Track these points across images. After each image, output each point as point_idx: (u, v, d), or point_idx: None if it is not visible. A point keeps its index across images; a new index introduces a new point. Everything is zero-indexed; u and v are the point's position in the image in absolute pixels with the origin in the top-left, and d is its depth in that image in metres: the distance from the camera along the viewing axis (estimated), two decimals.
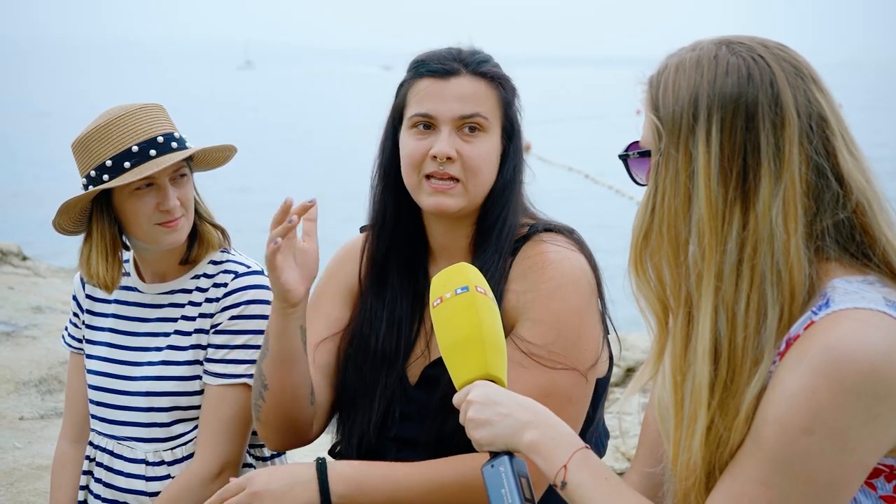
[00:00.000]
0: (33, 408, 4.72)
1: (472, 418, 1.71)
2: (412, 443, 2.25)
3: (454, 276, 1.84)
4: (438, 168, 2.19)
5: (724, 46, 1.56)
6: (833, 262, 1.53)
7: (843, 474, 1.43)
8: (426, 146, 2.21)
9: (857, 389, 1.40)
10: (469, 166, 2.21)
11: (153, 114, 2.48)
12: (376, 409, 2.26)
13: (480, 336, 1.75)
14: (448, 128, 2.21)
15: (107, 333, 2.63)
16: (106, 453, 2.59)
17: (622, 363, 5.11)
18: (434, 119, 2.21)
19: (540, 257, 2.20)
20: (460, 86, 2.23)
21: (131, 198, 2.45)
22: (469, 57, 2.26)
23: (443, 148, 2.18)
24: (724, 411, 1.50)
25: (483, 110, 2.23)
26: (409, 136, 2.24)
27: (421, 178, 2.21)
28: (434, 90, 2.22)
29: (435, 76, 2.23)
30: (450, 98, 2.21)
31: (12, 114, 51.31)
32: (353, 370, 2.31)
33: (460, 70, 2.24)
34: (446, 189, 2.20)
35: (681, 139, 1.53)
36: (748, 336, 1.49)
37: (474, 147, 2.21)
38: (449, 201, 2.21)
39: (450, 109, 2.21)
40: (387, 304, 2.32)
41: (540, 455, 1.65)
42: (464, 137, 2.22)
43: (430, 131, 2.22)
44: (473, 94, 2.23)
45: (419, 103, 2.23)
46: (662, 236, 1.56)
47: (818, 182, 1.51)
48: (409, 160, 2.22)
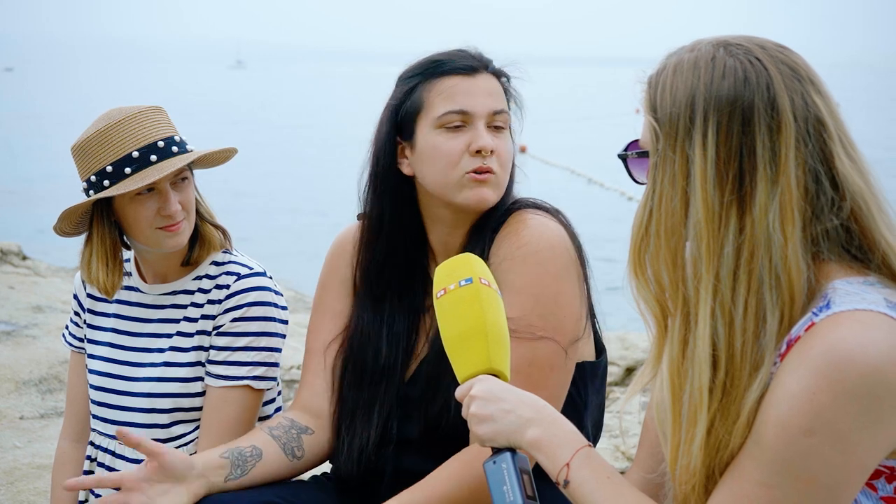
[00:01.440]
0: (33, 407, 4.72)
1: (474, 413, 1.71)
2: (408, 443, 2.25)
3: (458, 267, 1.83)
4: (482, 163, 2.20)
5: (722, 48, 1.56)
6: (834, 263, 1.53)
7: (843, 475, 1.43)
8: (463, 143, 2.20)
9: (857, 391, 1.40)
10: (503, 160, 2.24)
11: (154, 117, 2.47)
12: (375, 423, 2.26)
13: (484, 329, 1.75)
14: (483, 122, 2.22)
15: (109, 333, 2.63)
16: (107, 453, 2.59)
17: (622, 363, 5.11)
18: (469, 115, 2.21)
19: (518, 224, 2.21)
20: (487, 82, 2.25)
21: (132, 203, 2.45)
22: (483, 57, 2.29)
23: (488, 142, 2.20)
24: (725, 415, 1.50)
25: (506, 107, 2.27)
26: (439, 136, 2.22)
27: (460, 174, 2.21)
28: (464, 86, 2.22)
29: (462, 73, 2.23)
30: (480, 94, 2.22)
31: (11, 113, 51.25)
32: (350, 385, 2.32)
33: (482, 68, 2.26)
34: (486, 180, 2.21)
35: (678, 141, 1.53)
36: (747, 341, 1.49)
37: (504, 142, 2.25)
38: (489, 193, 2.22)
39: (483, 104, 2.22)
40: (385, 319, 2.32)
41: (542, 453, 1.65)
42: (494, 133, 2.24)
43: (462, 129, 2.22)
44: (498, 91, 2.26)
45: (450, 100, 2.21)
46: (660, 239, 1.56)
47: (815, 186, 1.51)
48: (446, 159, 2.20)
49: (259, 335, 2.49)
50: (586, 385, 2.28)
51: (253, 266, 2.57)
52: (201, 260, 2.57)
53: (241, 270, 2.54)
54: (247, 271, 2.54)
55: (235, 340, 2.49)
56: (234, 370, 2.48)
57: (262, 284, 2.53)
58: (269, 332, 2.50)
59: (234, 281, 2.52)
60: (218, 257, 2.58)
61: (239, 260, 2.58)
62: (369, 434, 2.26)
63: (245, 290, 2.51)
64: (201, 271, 2.57)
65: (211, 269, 2.57)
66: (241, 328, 2.49)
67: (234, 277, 2.52)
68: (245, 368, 2.48)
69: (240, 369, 2.48)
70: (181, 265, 2.57)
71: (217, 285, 2.53)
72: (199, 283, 2.56)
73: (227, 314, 2.50)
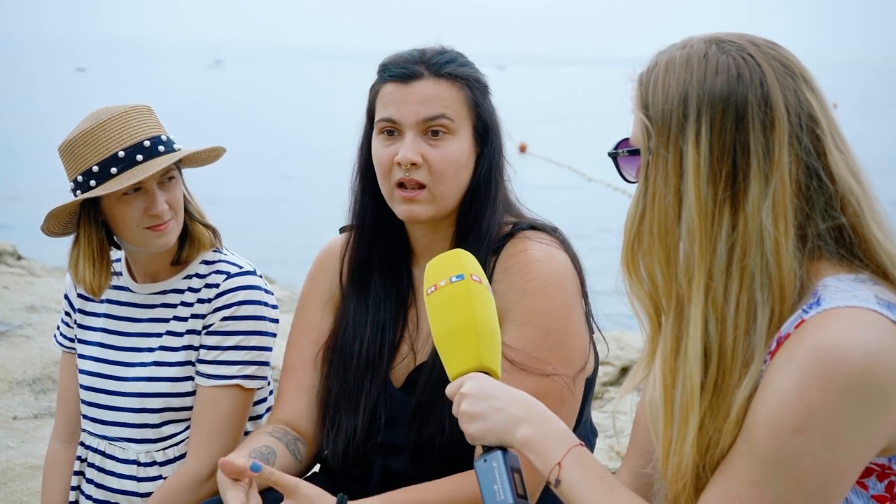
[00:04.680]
0: (27, 407, 4.71)
1: (465, 411, 1.70)
2: (397, 448, 2.24)
3: (449, 263, 1.82)
4: (405, 175, 2.17)
5: (714, 45, 1.55)
6: (825, 260, 1.53)
7: (834, 473, 1.42)
8: (392, 153, 2.19)
9: (848, 388, 1.39)
10: (435, 171, 2.18)
11: (140, 116, 2.46)
12: (361, 414, 2.25)
13: (475, 326, 1.74)
14: (412, 132, 2.18)
15: (98, 333, 2.62)
16: (97, 454, 2.58)
17: (617, 362, 5.11)
18: (398, 124, 2.19)
19: (523, 255, 2.18)
20: (422, 89, 2.19)
21: (119, 203, 2.44)
22: (433, 58, 2.22)
23: (406, 154, 2.16)
24: (715, 413, 1.50)
25: (448, 112, 2.19)
26: (377, 142, 2.23)
27: (392, 186, 2.20)
28: (397, 95, 2.20)
29: (397, 80, 2.20)
30: (412, 102, 2.18)
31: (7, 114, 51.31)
32: (336, 376, 2.30)
33: (422, 73, 2.20)
34: (414, 197, 2.18)
35: (670, 139, 1.53)
36: (738, 338, 1.49)
37: (440, 151, 2.18)
38: (418, 209, 2.19)
39: (412, 113, 2.18)
40: (370, 308, 2.31)
41: (534, 452, 1.64)
42: (429, 142, 2.19)
43: (396, 137, 2.20)
44: (436, 97, 2.19)
45: (383, 108, 2.21)
46: (653, 237, 1.55)
47: (808, 183, 1.51)
48: (379, 168, 2.22)
49: (249, 334, 2.48)
50: (584, 400, 2.28)
51: (243, 265, 2.56)
52: (191, 259, 2.56)
53: (230, 269, 2.53)
54: (237, 270, 2.53)
55: (225, 339, 2.48)
56: (225, 369, 2.47)
57: (252, 283, 2.52)
58: (259, 332, 2.49)
59: (224, 280, 2.51)
60: (208, 256, 2.57)
61: (229, 259, 2.57)
62: (356, 425, 2.25)
63: (235, 288, 2.50)
64: (191, 270, 2.56)
65: (201, 268, 2.55)
66: (231, 327, 2.48)
67: (224, 276, 2.51)
68: (235, 368, 2.47)
69: (230, 368, 2.47)
70: (171, 264, 2.56)
71: (207, 284, 2.52)
72: (189, 282, 2.54)
73: (216, 313, 2.49)
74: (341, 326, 2.33)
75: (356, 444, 2.24)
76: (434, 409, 2.18)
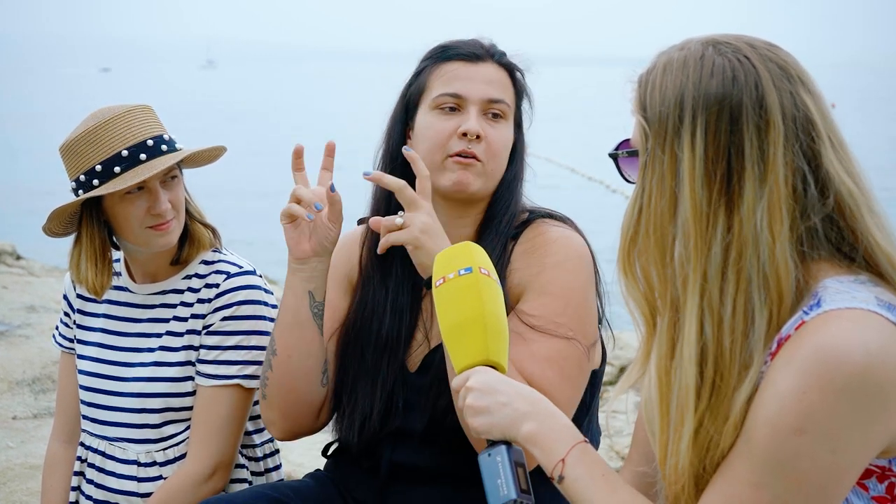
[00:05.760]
0: (26, 407, 4.71)
1: (470, 405, 1.70)
2: (409, 435, 2.24)
3: (458, 255, 1.83)
4: (467, 146, 2.22)
5: (711, 46, 1.55)
6: (824, 262, 1.53)
7: (835, 475, 1.43)
8: (454, 125, 2.23)
9: (848, 389, 1.39)
10: (493, 149, 2.24)
11: (142, 116, 2.46)
12: (378, 396, 2.25)
13: (482, 320, 1.74)
14: (476, 108, 2.24)
15: (98, 333, 2.62)
16: (97, 454, 2.58)
17: (616, 362, 5.13)
18: (463, 99, 2.24)
19: (542, 237, 2.24)
20: (488, 70, 2.28)
21: (122, 202, 2.44)
22: (492, 47, 2.32)
23: (474, 126, 2.21)
24: (714, 415, 1.50)
25: (506, 98, 2.28)
26: (433, 117, 2.26)
27: (444, 156, 2.23)
28: (464, 72, 2.26)
29: (464, 59, 2.28)
30: (479, 80, 2.26)
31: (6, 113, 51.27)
32: (353, 356, 2.31)
33: (487, 56, 2.29)
34: (470, 163, 2.22)
35: (667, 140, 1.53)
36: (735, 340, 1.49)
37: (498, 132, 2.25)
38: (471, 178, 2.23)
39: (479, 91, 2.25)
40: (390, 291, 2.31)
41: (538, 447, 1.65)
42: (489, 121, 2.25)
43: (456, 113, 2.25)
44: (500, 81, 2.28)
45: (447, 83, 2.26)
46: (649, 237, 1.56)
47: (803, 185, 1.51)
48: (435, 139, 2.24)
49: (249, 334, 2.49)
50: (594, 392, 2.30)
51: (243, 265, 2.56)
52: (191, 259, 2.56)
53: (230, 269, 2.53)
54: (236, 270, 2.53)
55: (225, 339, 2.48)
56: (225, 369, 2.47)
57: (251, 283, 2.52)
58: (259, 331, 2.50)
59: (224, 279, 2.51)
60: (208, 256, 2.57)
61: (229, 258, 2.57)
62: (372, 404, 2.25)
63: (235, 288, 2.50)
64: (191, 270, 2.56)
65: (201, 268, 2.55)
66: (231, 327, 2.48)
67: (224, 276, 2.51)
68: (235, 367, 2.47)
69: (230, 368, 2.47)
70: (171, 264, 2.56)
71: (207, 284, 2.52)
72: (188, 282, 2.54)
73: (216, 313, 2.49)
74: (360, 306, 2.34)
75: (372, 425, 2.23)
76: (448, 383, 2.18)
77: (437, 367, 2.21)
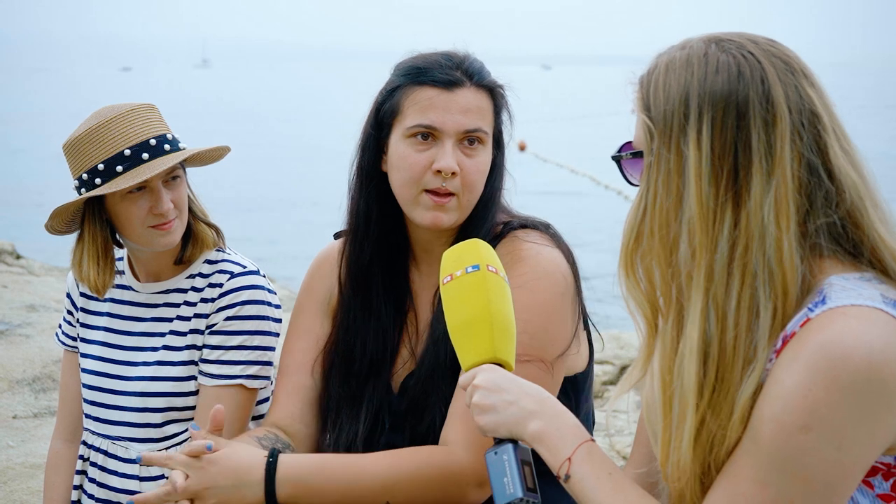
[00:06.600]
0: (27, 406, 4.71)
1: (476, 403, 1.70)
2: (396, 448, 2.23)
3: (466, 253, 1.82)
4: (441, 184, 2.15)
5: (714, 44, 1.56)
6: (830, 258, 1.53)
7: (840, 472, 1.43)
8: (428, 159, 2.15)
9: (853, 386, 1.39)
10: (467, 181, 2.17)
11: (145, 115, 2.46)
12: (363, 419, 2.24)
13: (489, 317, 1.74)
14: (451, 141, 2.16)
15: (101, 332, 2.62)
16: (100, 453, 2.58)
17: (616, 362, 5.12)
18: (438, 132, 2.16)
19: (510, 256, 2.17)
20: (465, 98, 2.17)
21: (124, 201, 2.44)
22: (469, 66, 2.20)
23: (450, 163, 2.13)
24: (716, 412, 1.50)
25: (484, 124, 2.19)
26: (407, 147, 2.17)
27: (420, 190, 2.17)
28: (439, 101, 2.16)
29: (439, 87, 2.17)
30: (455, 111, 2.16)
31: (6, 112, 51.22)
32: (337, 380, 2.29)
33: (464, 81, 2.18)
34: (445, 204, 2.16)
35: (672, 139, 1.53)
36: (739, 335, 1.49)
37: (474, 161, 2.18)
38: (445, 217, 2.17)
39: (455, 123, 2.15)
40: (372, 312, 2.29)
41: (544, 446, 1.65)
42: (465, 151, 2.17)
43: (430, 142, 2.16)
44: (477, 108, 2.18)
45: (422, 113, 2.16)
46: (654, 237, 1.55)
47: (810, 179, 1.51)
48: (409, 173, 2.16)
49: (252, 334, 2.48)
50: (578, 395, 2.28)
51: (246, 264, 2.55)
52: (194, 258, 2.56)
53: (234, 269, 2.53)
54: (240, 269, 2.53)
55: (229, 339, 2.48)
56: (228, 369, 2.47)
57: (255, 283, 2.52)
58: (262, 331, 2.49)
59: (228, 279, 2.50)
60: (211, 256, 2.57)
61: (232, 258, 2.57)
62: (357, 430, 2.24)
63: (238, 288, 2.49)
64: (194, 270, 2.56)
65: (204, 267, 2.55)
66: (235, 327, 2.48)
67: (228, 276, 2.51)
68: (238, 367, 2.47)
69: (233, 368, 2.47)
70: (174, 264, 2.56)
71: (210, 284, 2.52)
72: (192, 281, 2.54)
73: (220, 313, 2.49)
74: (342, 330, 2.31)
75: (357, 448, 2.23)
76: (427, 404, 2.18)
77: (414, 390, 2.20)
